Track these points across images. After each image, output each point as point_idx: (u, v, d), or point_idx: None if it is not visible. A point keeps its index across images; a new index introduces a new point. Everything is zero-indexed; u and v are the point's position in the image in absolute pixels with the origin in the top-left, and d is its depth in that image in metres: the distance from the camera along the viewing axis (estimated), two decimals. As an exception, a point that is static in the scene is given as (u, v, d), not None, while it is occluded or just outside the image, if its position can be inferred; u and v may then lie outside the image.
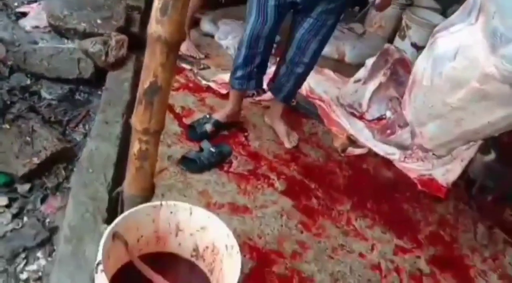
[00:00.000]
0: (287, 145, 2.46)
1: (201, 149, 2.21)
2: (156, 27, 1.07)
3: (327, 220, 2.07)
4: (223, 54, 3.32)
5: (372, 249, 1.99)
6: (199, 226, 1.32)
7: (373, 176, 2.47)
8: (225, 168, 2.20)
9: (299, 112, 2.81)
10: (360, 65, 3.09)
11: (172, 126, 2.35)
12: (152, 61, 1.13)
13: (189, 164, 2.13)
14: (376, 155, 2.62)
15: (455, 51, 1.65)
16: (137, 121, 1.24)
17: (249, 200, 2.04)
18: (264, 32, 2.14)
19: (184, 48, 3.05)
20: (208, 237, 1.32)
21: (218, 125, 2.37)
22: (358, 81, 3.03)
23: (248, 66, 2.27)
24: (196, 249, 1.37)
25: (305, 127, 2.70)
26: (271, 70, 2.66)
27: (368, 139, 2.68)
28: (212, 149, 2.20)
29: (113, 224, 1.16)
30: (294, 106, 2.83)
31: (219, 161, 2.22)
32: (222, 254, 1.29)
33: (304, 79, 2.46)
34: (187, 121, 2.43)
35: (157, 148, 1.34)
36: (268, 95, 2.87)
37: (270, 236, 1.88)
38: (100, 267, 1.04)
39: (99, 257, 1.06)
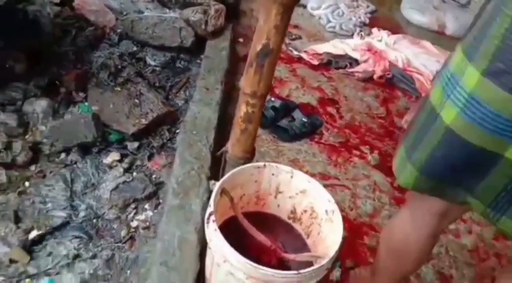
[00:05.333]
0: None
1: (293, 119, 2.22)
2: (274, -12, 1.08)
3: (421, 197, 1.99)
4: (315, 24, 3.27)
5: (470, 231, 1.89)
6: (299, 189, 1.34)
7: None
8: (316, 139, 2.20)
9: (394, 85, 2.69)
10: (463, 38, 2.86)
11: (265, 95, 2.38)
12: (266, 23, 1.14)
13: (280, 132, 2.16)
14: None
15: None
16: (247, 84, 1.27)
17: (340, 172, 2.03)
18: None
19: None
20: (307, 200, 1.34)
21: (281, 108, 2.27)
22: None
23: None
24: (293, 212, 1.40)
25: (400, 101, 2.59)
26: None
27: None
28: (304, 119, 2.21)
29: (221, 180, 1.23)
30: (389, 78, 2.72)
31: (310, 131, 2.22)
32: (321, 219, 1.30)
33: None
34: (279, 91, 2.45)
35: (261, 111, 1.37)
36: (361, 67, 2.79)
37: (362, 209, 1.87)
38: (212, 217, 1.11)
39: (211, 208, 1.12)
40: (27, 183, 1.66)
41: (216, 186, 1.20)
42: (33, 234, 1.49)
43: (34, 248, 1.47)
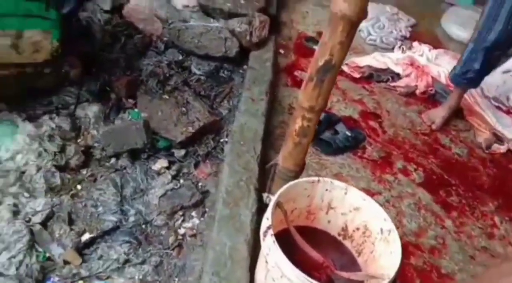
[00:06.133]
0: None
1: (336, 132, 2.21)
2: (342, 5, 1.09)
3: (469, 219, 1.95)
4: (356, 37, 3.24)
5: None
6: (353, 206, 1.33)
7: (521, 177, 2.25)
8: (359, 153, 2.18)
9: (437, 101, 2.65)
10: (508, 55, 2.80)
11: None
12: (331, 39, 1.15)
13: (323, 145, 2.15)
14: (525, 155, 2.38)
15: None
16: (305, 98, 1.28)
17: (384, 188, 2.00)
18: (509, 40, 2.10)
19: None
20: (360, 218, 1.33)
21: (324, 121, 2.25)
22: (507, 72, 2.76)
23: (483, 71, 2.24)
24: (345, 229, 1.39)
25: (444, 118, 2.55)
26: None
27: (517, 137, 2.43)
28: (348, 133, 2.20)
29: (278, 194, 1.23)
30: (432, 94, 2.68)
31: (354, 145, 2.20)
32: (375, 237, 1.29)
33: None
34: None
35: (316, 126, 1.37)
36: (404, 81, 2.76)
37: (407, 227, 1.83)
38: (270, 231, 1.11)
39: (270, 222, 1.13)
40: (79, 186, 1.71)
41: (273, 199, 1.21)
42: (86, 236, 1.53)
43: (86, 251, 1.51)
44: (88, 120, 1.92)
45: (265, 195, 1.35)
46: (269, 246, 1.12)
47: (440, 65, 2.91)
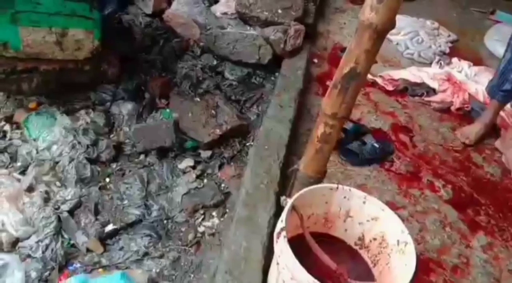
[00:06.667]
0: None
1: (364, 143, 2.19)
2: (370, 14, 1.09)
3: (496, 240, 1.87)
4: (392, 50, 3.22)
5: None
6: (371, 216, 1.32)
7: (558, 203, 2.14)
8: (386, 166, 2.14)
9: (472, 118, 2.57)
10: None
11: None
12: (357, 47, 1.15)
13: (350, 155, 2.13)
14: None
15: None
16: (328, 105, 1.28)
17: (409, 203, 1.96)
18: None
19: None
20: (378, 229, 1.31)
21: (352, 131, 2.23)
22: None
23: None
24: (361, 238, 1.38)
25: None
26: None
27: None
28: (376, 145, 2.17)
29: (294, 197, 1.24)
30: (467, 110, 2.61)
31: (381, 158, 2.17)
32: (391, 249, 1.27)
33: None
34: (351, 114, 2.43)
35: (338, 133, 1.37)
36: (439, 96, 2.70)
37: (430, 244, 1.79)
38: (283, 233, 1.12)
39: (283, 224, 1.14)
40: (107, 179, 1.79)
41: (289, 202, 1.22)
42: (109, 227, 1.60)
43: (108, 241, 1.57)
44: (121, 117, 2.00)
45: (282, 198, 1.36)
46: (281, 248, 1.13)
47: (479, 83, 2.83)
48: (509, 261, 1.79)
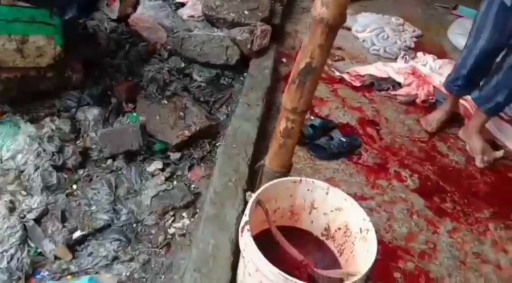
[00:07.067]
0: (479, 163, 2.27)
1: (331, 138, 2.23)
2: (321, 10, 1.12)
3: (461, 225, 1.93)
4: (359, 46, 3.29)
5: (514, 264, 1.80)
6: (334, 206, 1.35)
7: (521, 186, 2.22)
8: (354, 159, 2.19)
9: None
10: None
11: (304, 114, 2.41)
12: (311, 42, 1.18)
13: (318, 151, 2.17)
14: (526, 164, 2.35)
15: None
16: (288, 100, 1.31)
17: (377, 193, 2.01)
18: (498, 46, 2.11)
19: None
20: (342, 218, 1.34)
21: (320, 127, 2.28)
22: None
23: (471, 78, 2.26)
24: (327, 229, 1.41)
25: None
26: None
27: (518, 146, 2.41)
28: (342, 139, 2.21)
29: (257, 192, 1.26)
30: (432, 102, 2.68)
31: (348, 151, 2.21)
32: (354, 237, 1.30)
33: None
34: (319, 110, 2.47)
35: (300, 128, 1.40)
36: (404, 90, 2.77)
37: (398, 232, 1.83)
38: (247, 227, 1.14)
39: (247, 218, 1.16)
40: (74, 186, 1.77)
41: (252, 197, 1.23)
42: (77, 234, 1.58)
43: (76, 248, 1.56)
44: (87, 123, 1.98)
45: (247, 193, 1.38)
46: (246, 242, 1.14)
47: (443, 75, 2.89)
48: (474, 244, 1.85)
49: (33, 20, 1.78)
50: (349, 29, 3.43)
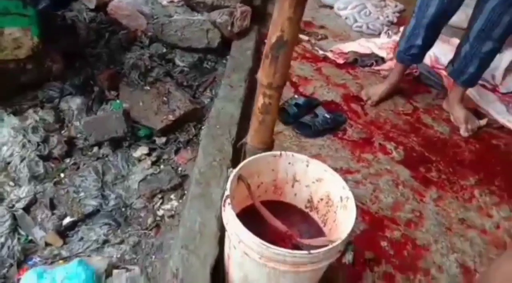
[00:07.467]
0: (463, 132, 2.29)
1: (316, 115, 2.25)
2: (285, -19, 1.13)
3: (447, 192, 1.97)
4: (341, 24, 3.29)
5: (498, 227, 1.84)
6: (315, 178, 1.37)
7: (504, 152, 2.25)
8: (339, 135, 2.21)
9: (422, 82, 2.67)
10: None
11: (288, 94, 2.42)
12: (280, 16, 1.19)
13: (303, 128, 2.19)
14: (509, 131, 2.38)
15: None
16: (263, 75, 1.32)
17: (363, 166, 2.03)
18: (449, 12, 2.12)
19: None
20: (323, 189, 1.37)
21: (304, 105, 2.29)
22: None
23: (425, 46, 2.28)
24: (310, 200, 1.43)
25: (428, 98, 2.57)
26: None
27: (500, 113, 2.44)
28: (327, 115, 2.23)
29: (238, 167, 1.28)
30: (416, 75, 2.70)
31: (333, 127, 2.24)
32: (336, 206, 1.32)
33: (491, 60, 2.19)
34: (303, 89, 2.48)
35: (278, 103, 1.41)
36: (387, 64, 2.78)
37: (384, 202, 1.86)
38: (228, 200, 1.16)
39: (227, 192, 1.18)
40: (62, 174, 1.78)
41: (233, 171, 1.25)
42: (67, 220, 1.60)
43: (67, 233, 1.58)
44: (71, 112, 1.99)
45: (229, 170, 1.40)
46: (228, 215, 1.17)
47: (426, 48, 2.92)
48: (459, 211, 1.89)
49: (7, 11, 1.77)
50: (331, 7, 3.43)
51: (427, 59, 2.79)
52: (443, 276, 1.61)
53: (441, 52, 2.81)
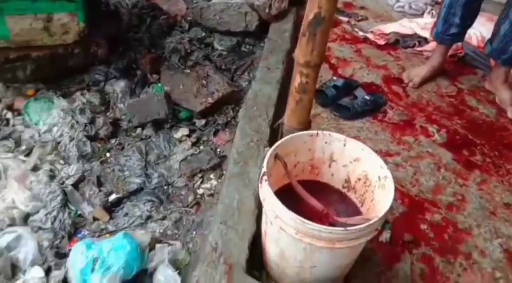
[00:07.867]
0: (510, 114, 2.21)
1: (355, 97, 2.22)
2: (324, -43, 1.12)
3: (492, 176, 1.89)
4: (382, 4, 3.20)
5: (546, 211, 1.76)
6: (353, 157, 1.36)
7: (556, 136, 2.14)
8: (379, 117, 2.17)
9: (467, 63, 2.56)
10: None
11: (327, 76, 2.40)
12: (318, -8, 1.18)
13: (342, 111, 2.16)
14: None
15: None
16: (300, 53, 1.32)
17: (403, 149, 1.99)
18: None
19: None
20: (360, 168, 1.36)
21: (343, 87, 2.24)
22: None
23: (464, 24, 2.22)
24: (348, 180, 1.43)
25: (473, 80, 2.47)
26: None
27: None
28: (366, 97, 2.20)
29: (275, 146, 1.29)
30: (461, 56, 2.59)
31: (373, 109, 2.20)
32: (374, 186, 1.32)
33: None
34: (342, 71, 2.45)
35: (315, 82, 1.41)
36: (431, 45, 2.69)
37: (424, 185, 1.82)
38: (265, 177, 1.18)
39: (264, 169, 1.20)
40: (108, 154, 1.87)
41: (270, 150, 1.27)
42: (113, 197, 1.69)
43: (113, 209, 1.67)
44: (116, 95, 2.07)
45: (266, 149, 1.42)
46: (264, 192, 1.19)
47: (473, 27, 2.79)
48: (504, 195, 1.82)
49: (56, -2, 1.85)
50: (372, -13, 3.33)
51: (473, 39, 2.68)
52: (486, 260, 1.56)
53: (488, 32, 2.68)
